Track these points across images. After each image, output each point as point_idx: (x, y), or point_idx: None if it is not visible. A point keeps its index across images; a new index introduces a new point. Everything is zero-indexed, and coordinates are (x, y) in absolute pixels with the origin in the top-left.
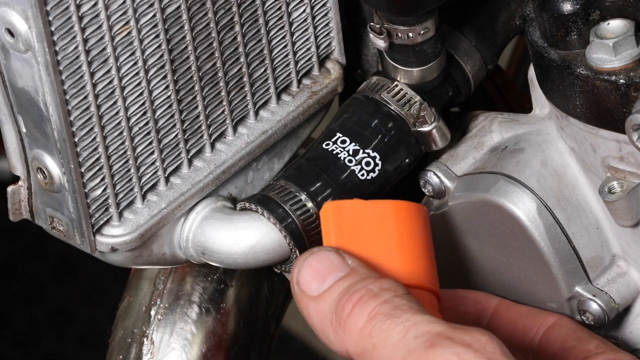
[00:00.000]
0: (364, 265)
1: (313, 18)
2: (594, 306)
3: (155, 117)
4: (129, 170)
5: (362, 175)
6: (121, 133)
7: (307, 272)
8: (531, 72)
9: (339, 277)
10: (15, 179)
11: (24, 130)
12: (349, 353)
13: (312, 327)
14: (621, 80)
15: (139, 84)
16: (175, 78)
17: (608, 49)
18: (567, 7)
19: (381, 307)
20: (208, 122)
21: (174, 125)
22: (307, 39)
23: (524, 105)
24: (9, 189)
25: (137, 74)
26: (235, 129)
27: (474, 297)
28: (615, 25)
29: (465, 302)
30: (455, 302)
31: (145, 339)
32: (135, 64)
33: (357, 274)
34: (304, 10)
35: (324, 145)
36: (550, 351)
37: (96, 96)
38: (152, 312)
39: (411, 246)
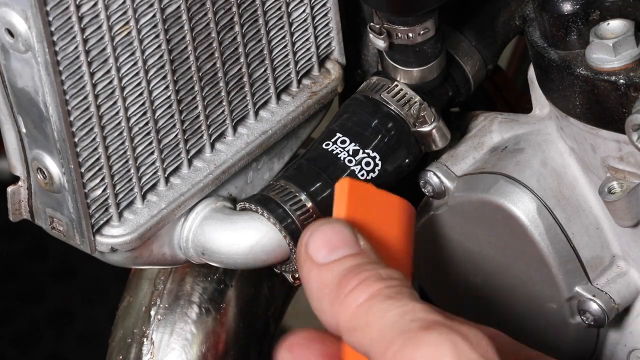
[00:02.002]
0: (373, 251)
1: (313, 18)
2: (594, 306)
3: (155, 117)
4: (128, 170)
5: (362, 175)
6: (121, 133)
7: (319, 238)
8: (531, 72)
9: (349, 252)
10: (15, 179)
11: (23, 130)
12: (338, 327)
13: (307, 292)
14: (621, 81)
15: (139, 84)
16: (175, 78)
17: (608, 49)
18: (567, 7)
19: (384, 290)
20: (208, 122)
21: (174, 126)
22: (307, 39)
23: (523, 106)
24: (9, 189)
25: (137, 74)
26: (235, 129)
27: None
28: (615, 26)
29: None
30: None
31: (145, 339)
32: (135, 64)
33: (367, 257)
34: (303, 11)
35: (324, 146)
36: None
37: (96, 96)
38: (152, 312)
39: (408, 245)
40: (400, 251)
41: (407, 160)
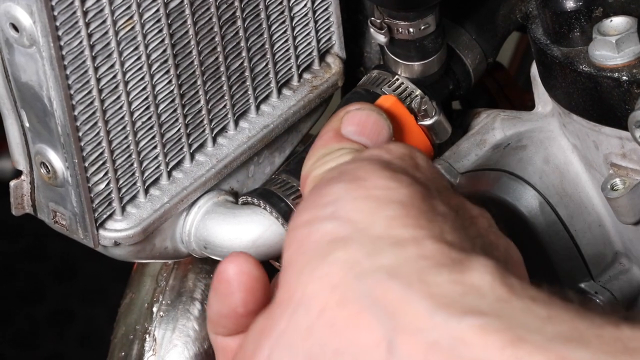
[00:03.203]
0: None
1: (314, 12)
2: (596, 303)
3: (158, 111)
4: (132, 164)
5: None
6: (124, 127)
7: (360, 117)
8: (534, 70)
9: (370, 146)
10: (17, 175)
11: (27, 124)
12: (306, 181)
13: (317, 138)
14: (624, 77)
15: (142, 78)
16: (177, 72)
17: (611, 45)
18: (570, 4)
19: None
20: (210, 117)
21: (177, 120)
22: (308, 34)
23: (526, 103)
24: (12, 183)
25: (140, 68)
26: (236, 123)
27: None
28: (618, 22)
29: None
30: None
31: (147, 336)
32: (138, 58)
33: (382, 153)
34: (304, 5)
35: None
36: None
37: (100, 91)
38: (154, 309)
39: None
40: None
41: None
